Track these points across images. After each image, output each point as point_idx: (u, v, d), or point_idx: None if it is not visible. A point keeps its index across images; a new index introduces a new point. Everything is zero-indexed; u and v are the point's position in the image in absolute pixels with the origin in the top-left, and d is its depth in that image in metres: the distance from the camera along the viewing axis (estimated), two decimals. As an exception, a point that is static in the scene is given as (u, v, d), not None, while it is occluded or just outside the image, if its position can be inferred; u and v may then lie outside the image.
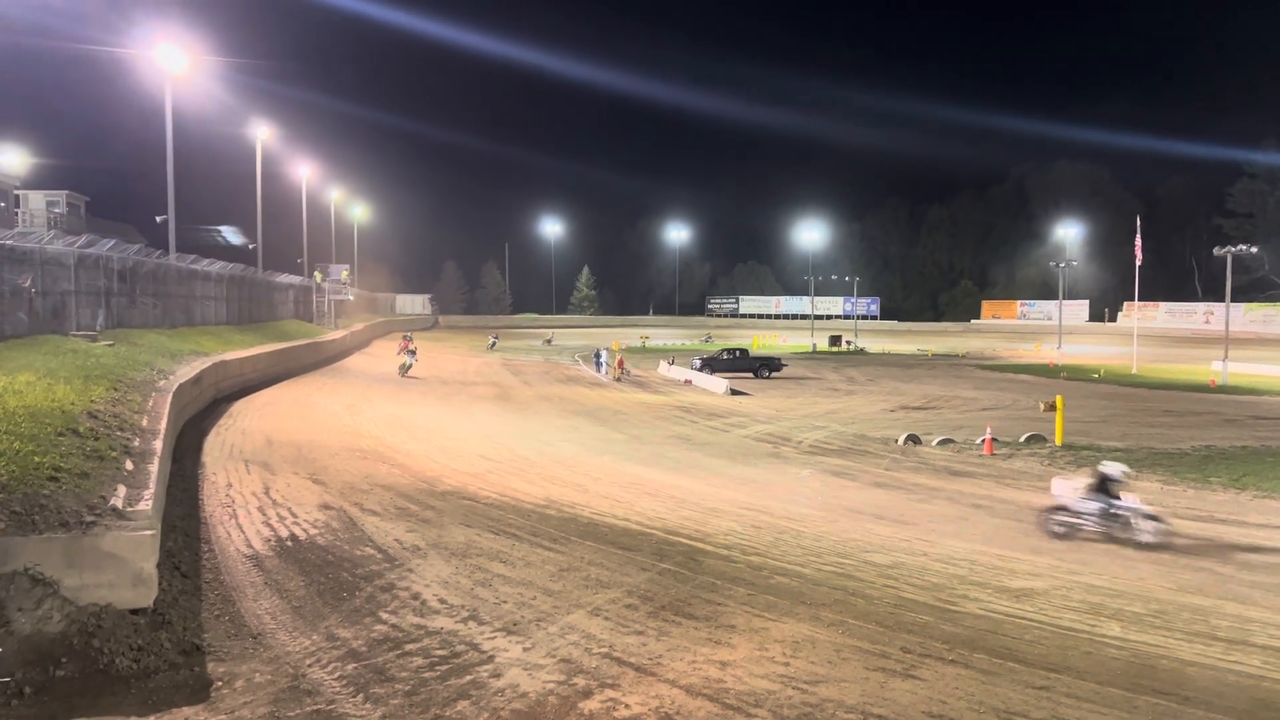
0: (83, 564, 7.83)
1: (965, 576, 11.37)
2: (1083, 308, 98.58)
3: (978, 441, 22.84)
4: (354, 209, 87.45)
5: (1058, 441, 22.79)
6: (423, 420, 25.33)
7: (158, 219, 38.36)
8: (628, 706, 7.27)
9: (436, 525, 12.99)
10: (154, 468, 11.06)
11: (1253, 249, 54.58)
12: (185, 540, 11.40)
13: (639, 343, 72.96)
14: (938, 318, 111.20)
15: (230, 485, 15.05)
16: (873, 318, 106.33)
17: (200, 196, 64.06)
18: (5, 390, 12.89)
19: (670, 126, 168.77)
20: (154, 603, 8.19)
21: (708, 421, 27.94)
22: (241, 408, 25.01)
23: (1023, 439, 23.37)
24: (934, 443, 23.47)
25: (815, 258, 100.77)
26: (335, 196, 76.77)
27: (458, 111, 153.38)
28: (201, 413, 22.88)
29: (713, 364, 43.98)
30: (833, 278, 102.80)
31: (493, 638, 8.68)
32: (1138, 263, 53.30)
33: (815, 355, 64.41)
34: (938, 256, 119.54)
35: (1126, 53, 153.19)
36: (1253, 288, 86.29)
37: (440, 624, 9.01)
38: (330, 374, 38.35)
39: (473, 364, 49.55)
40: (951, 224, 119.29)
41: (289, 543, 11.78)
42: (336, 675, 7.77)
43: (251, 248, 54.65)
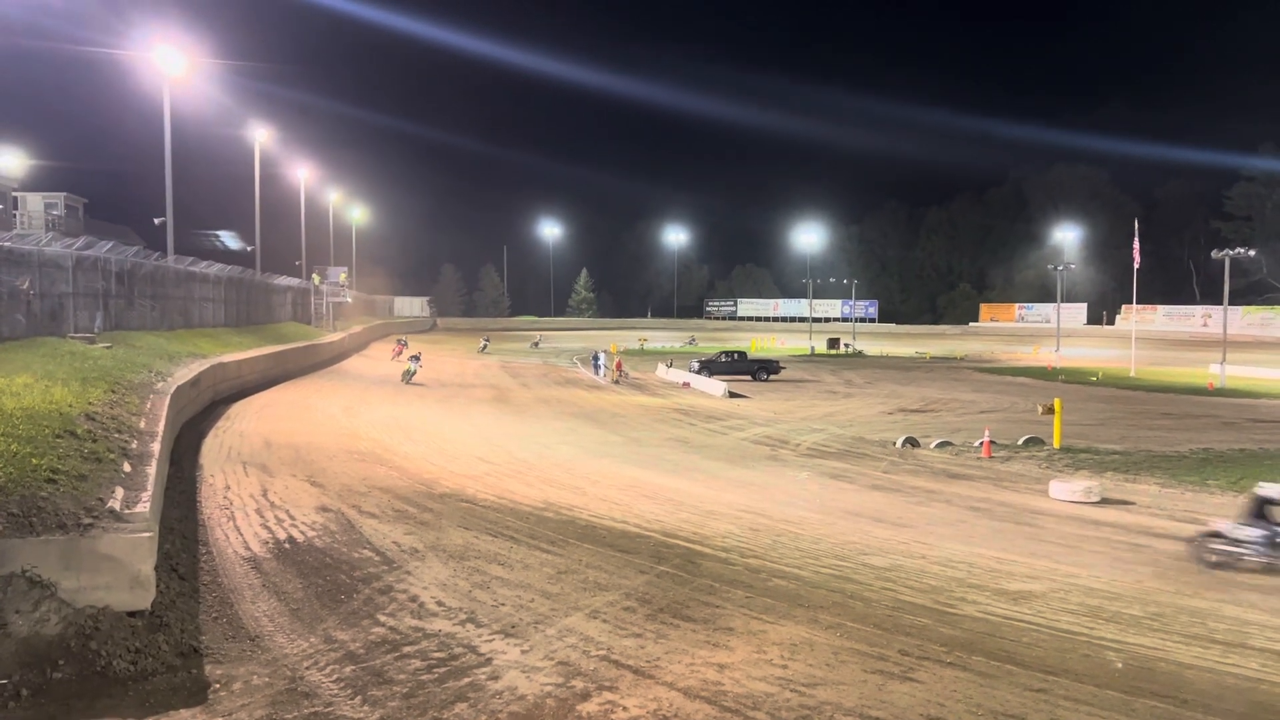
0: (80, 566, 7.82)
1: (963, 579, 11.37)
2: (1081, 310, 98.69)
3: (976, 444, 22.86)
4: (352, 211, 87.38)
5: (1056, 444, 22.83)
6: (421, 422, 25.33)
7: (156, 221, 38.33)
8: (625, 709, 7.26)
9: (434, 528, 12.99)
10: (152, 470, 11.05)
11: (1250, 252, 54.71)
12: (183, 542, 11.40)
13: (637, 345, 72.97)
14: (936, 320, 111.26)
15: (228, 487, 15.04)
16: (871, 320, 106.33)
17: (198, 199, 64.05)
18: (3, 392, 12.88)
19: (669, 129, 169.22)
20: (151, 605, 8.18)
21: (706, 424, 27.95)
22: (239, 410, 25.00)
23: (1021, 442, 23.41)
24: (932, 445, 23.50)
25: (813, 260, 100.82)
26: (334, 199, 76.72)
27: (457, 114, 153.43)
28: (199, 415, 22.87)
29: (711, 366, 43.94)
30: (831, 280, 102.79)
31: (490, 640, 8.67)
32: (1136, 265, 53.37)
33: (813, 358, 64.43)
34: (936, 259, 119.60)
35: (1124, 56, 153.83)
36: (1250, 291, 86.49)
37: (438, 626, 9.01)
38: (328, 376, 38.36)
39: (471, 366, 49.54)
40: (950, 227, 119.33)
41: (287, 545, 11.77)
42: (334, 678, 7.76)
43: (250, 251, 54.65)
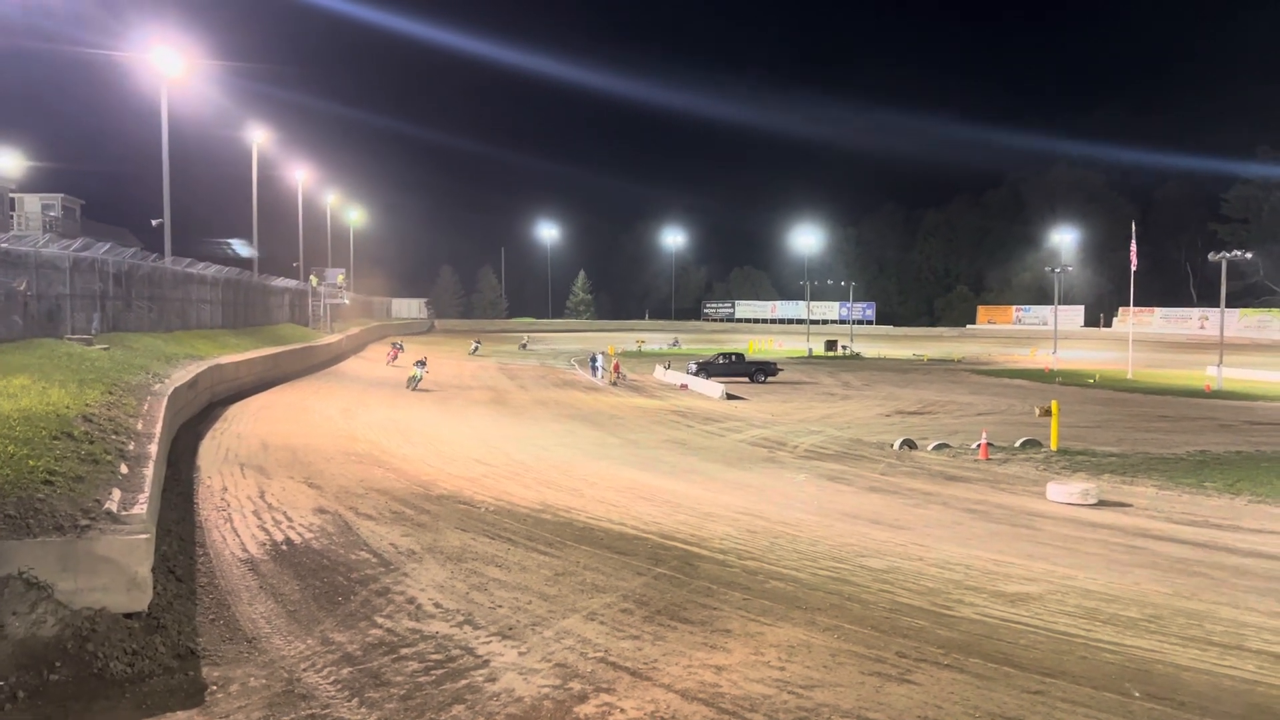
0: (77, 568, 7.80)
1: (960, 581, 11.37)
2: (1078, 313, 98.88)
3: (973, 446, 22.88)
4: (350, 213, 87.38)
5: (1053, 446, 22.85)
6: (418, 424, 25.32)
7: (154, 223, 38.26)
8: (623, 711, 7.26)
9: (432, 529, 12.97)
10: (149, 471, 11.03)
11: (1248, 254, 54.82)
12: (180, 544, 11.37)
13: (635, 347, 72.98)
14: (933, 322, 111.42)
15: (225, 489, 15.02)
16: (868, 322, 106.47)
17: (196, 200, 63.99)
18: (0, 394, 12.86)
19: (666, 131, 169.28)
20: (148, 607, 8.16)
21: (703, 426, 27.95)
22: (237, 412, 24.97)
23: (1018, 444, 23.43)
24: (929, 447, 23.51)
25: (811, 262, 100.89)
26: (331, 200, 76.70)
27: (455, 116, 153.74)
28: (197, 416, 22.84)
29: (708, 368, 43.94)
30: (829, 282, 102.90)
31: (488, 642, 8.66)
32: (1133, 268, 53.40)
33: (811, 360, 64.45)
34: (933, 261, 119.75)
35: (1122, 59, 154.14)
36: (1247, 293, 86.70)
37: (435, 628, 9.00)
38: (326, 378, 38.34)
39: (468, 368, 49.52)
40: (947, 229, 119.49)
41: (284, 547, 11.76)
42: (331, 679, 7.75)
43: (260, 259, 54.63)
